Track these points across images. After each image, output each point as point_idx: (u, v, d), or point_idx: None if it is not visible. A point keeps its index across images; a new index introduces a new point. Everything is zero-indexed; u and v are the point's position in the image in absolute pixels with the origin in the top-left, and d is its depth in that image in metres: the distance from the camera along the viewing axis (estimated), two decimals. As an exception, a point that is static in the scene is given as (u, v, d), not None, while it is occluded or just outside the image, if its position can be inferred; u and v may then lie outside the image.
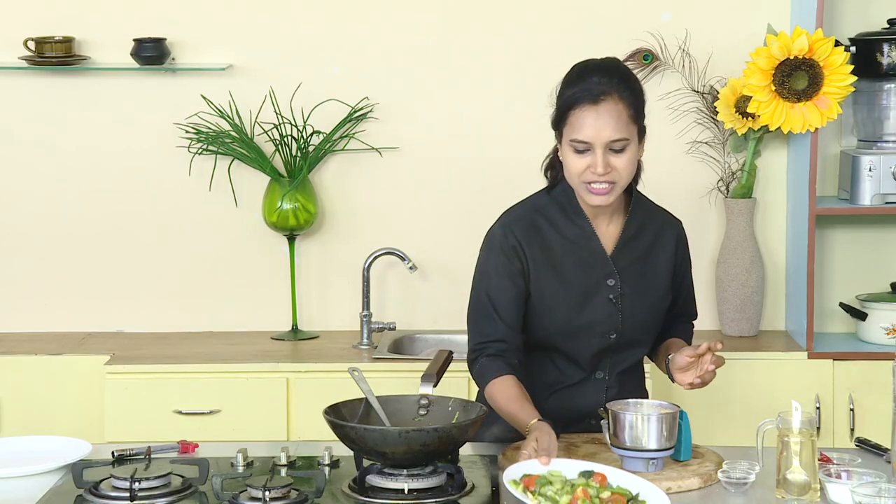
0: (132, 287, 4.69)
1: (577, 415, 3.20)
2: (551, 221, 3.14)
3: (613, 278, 3.13)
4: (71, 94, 4.63)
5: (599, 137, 3.01)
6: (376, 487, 2.83)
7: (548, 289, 3.12)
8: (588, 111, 3.02)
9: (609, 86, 3.03)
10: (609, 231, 3.16)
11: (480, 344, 3.14)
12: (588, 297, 3.12)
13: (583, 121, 3.02)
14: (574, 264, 3.13)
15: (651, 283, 3.18)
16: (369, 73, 4.64)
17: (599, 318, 3.13)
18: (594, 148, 3.02)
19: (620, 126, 3.02)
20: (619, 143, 3.02)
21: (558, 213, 3.15)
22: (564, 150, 3.08)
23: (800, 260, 4.43)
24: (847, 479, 2.75)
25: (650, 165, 4.59)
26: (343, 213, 4.68)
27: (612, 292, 3.13)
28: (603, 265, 3.13)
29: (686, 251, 3.29)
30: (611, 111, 3.02)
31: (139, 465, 2.92)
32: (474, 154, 4.64)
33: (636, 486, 2.71)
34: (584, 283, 3.12)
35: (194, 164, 4.63)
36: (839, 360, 4.31)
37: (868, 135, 4.53)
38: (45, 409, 4.30)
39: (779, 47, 4.25)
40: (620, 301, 3.13)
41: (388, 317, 4.66)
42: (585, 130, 3.02)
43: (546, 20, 4.59)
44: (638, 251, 3.17)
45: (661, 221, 3.24)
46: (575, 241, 3.13)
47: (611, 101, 3.03)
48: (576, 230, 3.14)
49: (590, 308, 3.12)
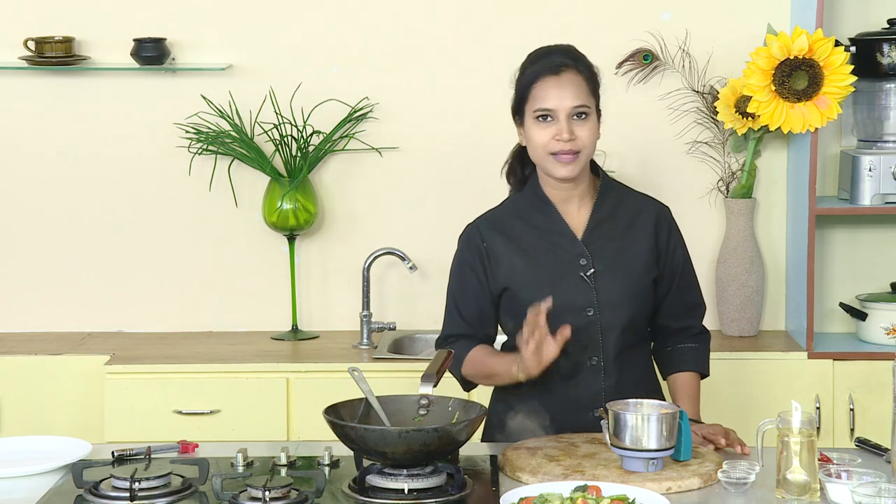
0: (132, 287, 4.69)
1: (578, 406, 3.21)
2: (520, 215, 3.30)
3: (585, 258, 3.23)
4: (71, 94, 4.64)
5: (562, 105, 3.17)
6: (376, 487, 2.83)
7: (520, 275, 3.25)
8: (550, 81, 3.19)
9: (568, 60, 3.22)
10: (580, 214, 3.28)
11: (444, 339, 3.34)
12: (561, 277, 3.23)
13: (546, 91, 3.19)
14: (545, 249, 3.25)
15: (628, 261, 3.26)
16: (369, 73, 4.64)
17: (573, 295, 3.22)
18: (558, 116, 3.18)
19: (581, 94, 3.19)
20: (581, 108, 3.18)
21: (526, 206, 3.30)
22: (528, 126, 3.22)
23: (800, 260, 4.43)
24: (847, 479, 2.75)
25: (651, 165, 4.62)
26: (343, 213, 4.69)
27: (583, 270, 3.23)
28: (573, 246, 3.24)
29: (673, 232, 3.33)
30: (572, 80, 3.19)
31: (139, 465, 2.92)
32: (474, 154, 4.64)
33: (632, 492, 2.72)
34: (555, 264, 3.24)
35: (194, 164, 4.63)
36: (839, 360, 4.31)
37: (868, 135, 4.53)
38: (45, 409, 4.30)
39: (779, 47, 4.25)
40: (594, 279, 3.22)
41: (388, 317, 4.66)
42: (549, 99, 3.18)
43: (546, 20, 4.59)
44: (613, 231, 3.27)
45: (639, 203, 3.33)
46: (544, 227, 3.27)
47: (571, 73, 3.20)
48: (544, 218, 3.27)
49: (562, 287, 3.21)
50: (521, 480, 2.91)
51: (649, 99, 4.62)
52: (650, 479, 2.86)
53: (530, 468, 2.93)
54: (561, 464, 2.95)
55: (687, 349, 3.34)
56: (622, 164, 4.60)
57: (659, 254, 3.29)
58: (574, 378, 3.22)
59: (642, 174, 4.64)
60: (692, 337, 3.36)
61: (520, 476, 2.93)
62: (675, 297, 3.33)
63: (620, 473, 2.90)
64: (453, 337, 3.32)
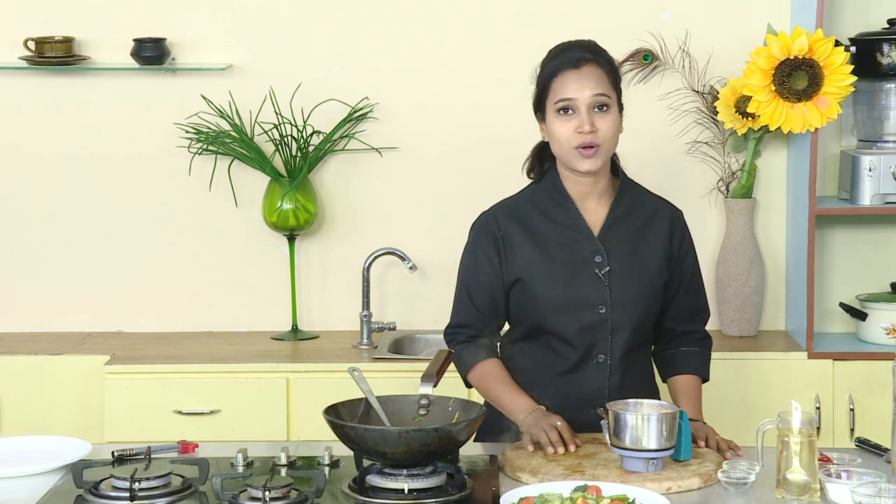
0: (132, 287, 4.69)
1: (581, 402, 3.21)
2: (538, 206, 3.28)
3: (600, 255, 3.23)
4: (71, 94, 4.63)
5: (583, 95, 3.17)
6: (376, 487, 2.83)
7: (534, 267, 3.23)
8: (570, 74, 3.19)
9: (588, 53, 3.22)
10: (598, 211, 3.28)
11: (453, 329, 3.33)
12: (575, 273, 3.22)
13: (566, 84, 3.18)
14: (561, 244, 3.24)
15: (642, 262, 3.26)
16: (369, 73, 4.64)
17: (587, 291, 3.21)
18: (579, 107, 3.17)
19: (603, 85, 3.19)
20: (602, 98, 3.18)
21: (545, 198, 3.28)
22: (550, 120, 3.21)
23: (800, 260, 4.43)
24: (847, 479, 2.75)
25: (651, 165, 4.62)
26: (343, 213, 4.69)
27: (598, 268, 3.22)
28: (589, 243, 3.24)
29: (686, 238, 3.35)
30: (592, 72, 3.19)
31: (139, 465, 2.92)
32: (475, 154, 4.64)
33: (632, 492, 2.72)
34: (570, 260, 3.23)
35: (194, 164, 4.63)
36: (839, 360, 4.31)
37: (868, 135, 4.53)
38: (45, 409, 4.30)
39: (779, 47, 4.25)
40: (608, 277, 3.22)
41: (388, 317, 4.66)
42: (570, 90, 3.17)
43: (546, 20, 4.59)
44: (629, 231, 3.27)
45: (656, 205, 3.35)
46: (561, 222, 3.25)
47: (591, 66, 3.20)
48: (562, 212, 3.26)
49: (577, 283, 3.21)
50: (521, 480, 2.91)
51: (649, 99, 4.62)
52: (650, 479, 2.86)
53: (530, 468, 2.93)
54: (561, 464, 2.95)
55: (689, 352, 3.35)
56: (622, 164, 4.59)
57: (671, 257, 3.30)
58: (579, 374, 3.23)
59: (642, 174, 4.61)
60: (695, 341, 3.36)
61: (520, 476, 2.93)
62: (682, 302, 3.34)
63: (620, 473, 2.90)
64: (463, 327, 3.31)
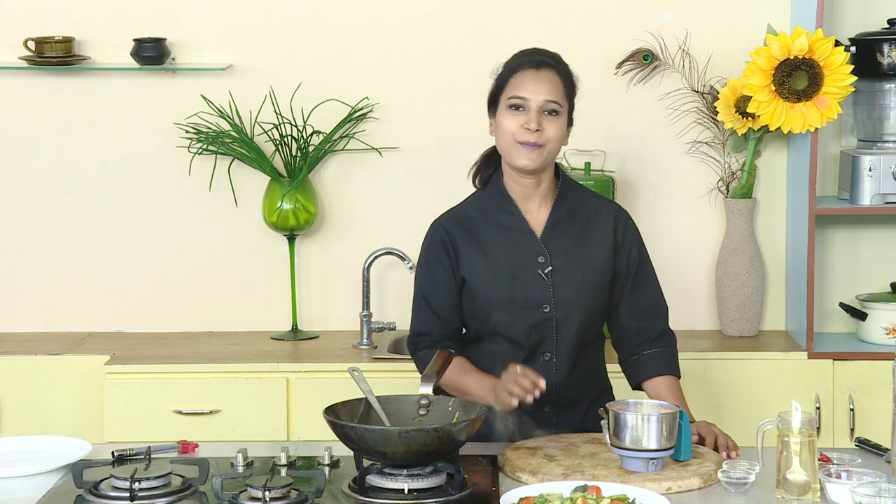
0: (132, 287, 4.69)
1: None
2: (482, 211, 3.37)
3: (543, 255, 3.29)
4: (71, 94, 4.63)
5: (536, 98, 3.25)
6: (376, 487, 2.84)
7: (479, 269, 3.30)
8: (529, 73, 3.28)
9: (549, 60, 3.32)
10: (540, 213, 3.35)
11: (415, 337, 3.39)
12: (519, 274, 3.29)
13: (523, 82, 3.28)
14: (504, 246, 3.31)
15: (585, 260, 3.31)
16: (369, 73, 4.64)
17: (530, 291, 3.27)
18: (530, 107, 3.25)
19: (557, 93, 3.27)
20: (554, 104, 3.26)
21: (489, 203, 3.36)
22: (500, 114, 3.29)
23: (800, 260, 4.43)
24: (847, 479, 2.75)
25: (651, 165, 4.62)
26: (343, 213, 4.69)
27: (541, 268, 3.28)
28: (532, 244, 3.30)
29: (629, 233, 3.37)
30: (550, 78, 3.28)
31: (139, 465, 2.92)
32: (474, 154, 4.62)
33: (632, 492, 2.72)
34: (513, 261, 3.30)
35: (194, 164, 4.63)
36: (839, 360, 4.31)
37: (868, 135, 4.53)
38: (45, 409, 4.30)
39: (779, 47, 4.25)
40: (551, 276, 3.28)
41: (388, 317, 4.66)
42: (525, 89, 3.26)
43: (546, 20, 4.59)
44: (571, 230, 3.32)
45: (598, 205, 3.38)
46: (505, 224, 3.33)
47: (550, 72, 3.30)
48: (505, 215, 3.33)
49: (520, 283, 3.28)
50: (521, 480, 2.92)
51: (649, 99, 4.62)
52: (650, 479, 2.86)
53: (530, 468, 2.93)
54: (561, 464, 2.95)
55: (653, 354, 3.34)
56: (622, 164, 4.61)
57: (616, 249, 3.34)
58: None
59: (642, 174, 4.64)
60: (655, 340, 3.36)
61: (520, 476, 2.93)
62: (633, 297, 3.36)
63: (620, 473, 2.90)
64: (424, 334, 3.36)
